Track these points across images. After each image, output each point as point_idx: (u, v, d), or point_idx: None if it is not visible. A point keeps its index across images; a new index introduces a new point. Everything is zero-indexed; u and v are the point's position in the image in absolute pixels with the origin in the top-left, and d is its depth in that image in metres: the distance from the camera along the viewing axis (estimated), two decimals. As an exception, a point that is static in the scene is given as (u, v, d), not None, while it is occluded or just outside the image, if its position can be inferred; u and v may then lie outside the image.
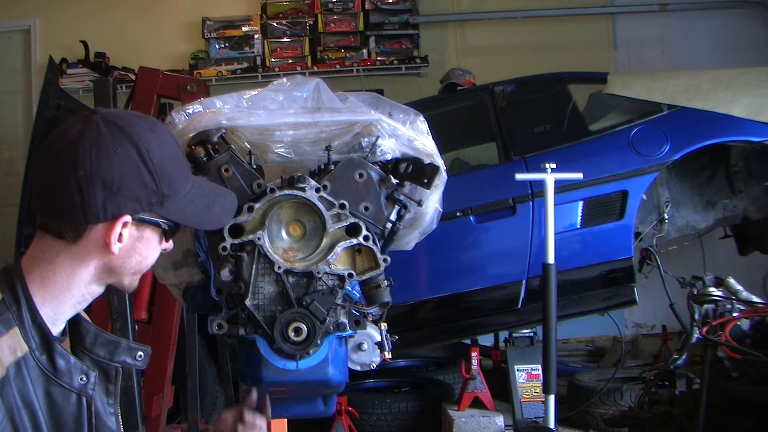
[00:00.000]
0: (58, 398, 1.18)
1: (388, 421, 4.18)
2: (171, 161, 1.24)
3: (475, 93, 4.52)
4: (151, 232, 1.24)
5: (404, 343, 2.95)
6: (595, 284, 3.90)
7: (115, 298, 2.85)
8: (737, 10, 6.16)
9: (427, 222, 1.90)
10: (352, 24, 6.27)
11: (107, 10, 6.37)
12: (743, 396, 2.70)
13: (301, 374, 1.67)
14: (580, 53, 6.09)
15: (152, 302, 3.21)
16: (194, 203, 1.29)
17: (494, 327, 4.23)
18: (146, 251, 1.25)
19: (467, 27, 6.47)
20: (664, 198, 4.05)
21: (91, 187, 1.15)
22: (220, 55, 6.29)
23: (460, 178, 4.11)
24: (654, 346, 5.47)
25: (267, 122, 1.71)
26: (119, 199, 1.17)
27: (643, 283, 4.07)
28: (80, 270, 1.21)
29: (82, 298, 1.25)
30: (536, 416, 3.85)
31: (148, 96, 3.16)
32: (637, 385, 3.94)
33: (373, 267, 1.72)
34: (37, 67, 6.38)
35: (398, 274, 1.81)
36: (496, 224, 3.94)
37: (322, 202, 1.68)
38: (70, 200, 1.16)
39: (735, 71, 4.19)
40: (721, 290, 3.16)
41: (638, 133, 3.91)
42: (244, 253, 1.68)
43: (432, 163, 1.78)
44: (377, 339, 1.81)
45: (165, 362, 3.13)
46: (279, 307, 1.67)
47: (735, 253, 4.50)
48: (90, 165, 1.15)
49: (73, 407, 1.19)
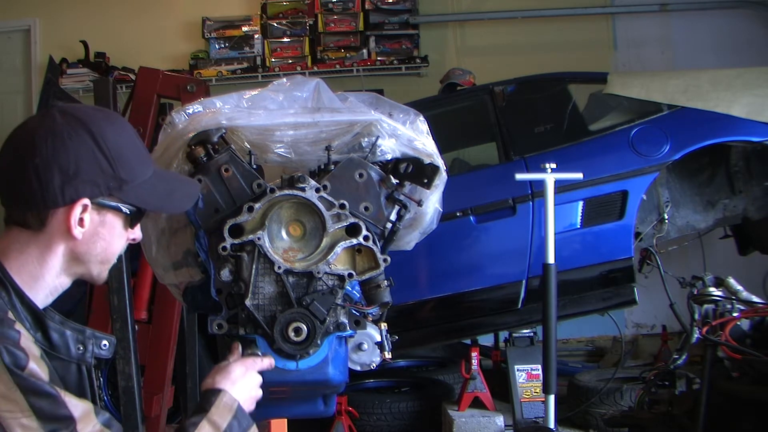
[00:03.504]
0: (59, 371, 1.22)
1: (388, 421, 4.18)
2: (128, 148, 1.29)
3: (475, 93, 4.52)
4: (113, 216, 1.29)
5: (404, 343, 2.95)
6: (595, 284, 3.90)
7: (116, 298, 2.85)
8: (737, 10, 6.16)
9: (427, 222, 1.90)
10: (352, 24, 6.27)
11: (107, 10, 6.38)
12: (743, 396, 2.70)
13: (301, 374, 1.67)
14: (580, 53, 6.09)
15: (152, 302, 3.21)
16: (155, 188, 1.33)
17: (494, 327, 4.23)
18: (110, 237, 1.29)
19: (467, 27, 6.47)
20: (664, 198, 4.05)
21: (48, 172, 1.20)
22: (220, 55, 6.29)
23: (460, 178, 4.11)
24: (654, 346, 5.47)
25: (267, 122, 1.71)
26: (76, 183, 1.22)
27: (643, 283, 4.07)
28: (50, 258, 1.25)
29: (54, 290, 1.28)
30: (536, 416, 3.85)
31: (148, 96, 3.15)
32: (637, 385, 3.94)
33: (373, 267, 1.72)
34: (37, 67, 6.39)
35: (398, 274, 1.81)
36: (496, 224, 3.94)
37: (322, 202, 1.68)
38: (30, 187, 1.21)
39: (735, 71, 4.19)
40: (721, 290, 3.16)
41: (638, 133, 3.91)
42: (244, 253, 1.68)
43: (432, 163, 1.78)
44: (377, 339, 1.80)
45: (165, 362, 3.12)
46: (279, 307, 1.67)
47: (735, 253, 4.50)
48: (46, 152, 1.21)
49: (74, 376, 1.23)
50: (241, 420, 1.43)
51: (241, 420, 1.43)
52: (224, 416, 1.41)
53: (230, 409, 1.43)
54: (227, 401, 1.44)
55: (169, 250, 1.82)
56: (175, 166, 1.71)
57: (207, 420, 1.39)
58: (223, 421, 1.40)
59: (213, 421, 1.39)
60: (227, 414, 1.42)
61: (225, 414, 1.41)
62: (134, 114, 3.18)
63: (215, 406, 1.42)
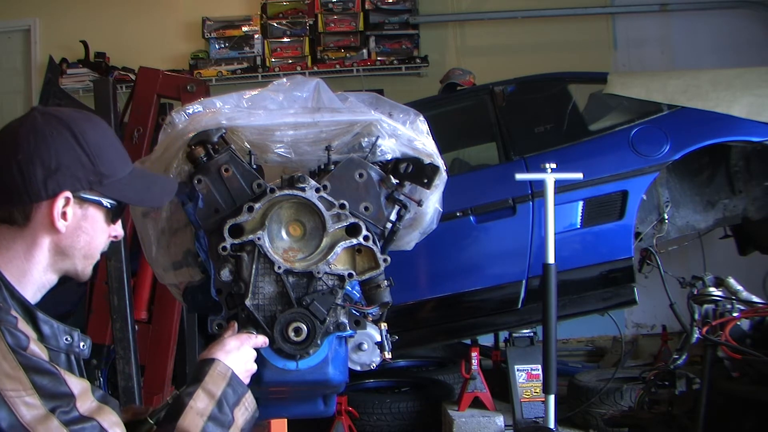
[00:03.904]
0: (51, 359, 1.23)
1: (388, 421, 4.18)
2: (107, 145, 1.35)
3: (475, 93, 4.52)
4: (95, 210, 1.34)
5: (404, 343, 2.95)
6: (595, 284, 3.90)
7: (116, 298, 2.86)
8: (737, 10, 6.16)
9: (427, 222, 1.90)
10: (352, 24, 6.28)
11: (107, 10, 6.38)
12: (743, 396, 2.70)
13: (301, 374, 1.67)
14: (580, 53, 6.09)
15: (152, 302, 3.21)
16: (133, 183, 1.39)
17: (494, 327, 4.23)
18: (93, 231, 1.34)
19: (467, 27, 6.47)
20: (664, 198, 4.05)
21: (30, 167, 1.26)
22: (220, 55, 6.30)
23: (460, 178, 4.11)
24: (654, 346, 5.47)
25: (267, 122, 1.71)
26: (58, 177, 1.27)
27: (643, 283, 4.07)
28: (36, 253, 1.29)
29: (41, 286, 1.32)
30: (536, 416, 3.85)
31: (148, 96, 3.15)
32: (637, 385, 3.94)
33: (373, 267, 1.72)
34: (37, 67, 6.39)
35: (398, 274, 1.81)
36: (496, 224, 3.94)
37: (322, 202, 1.68)
38: (14, 183, 1.26)
39: (735, 71, 4.19)
40: (721, 290, 3.16)
41: (638, 133, 3.91)
42: (244, 253, 1.68)
43: (432, 163, 1.78)
44: (377, 339, 1.80)
45: (165, 362, 3.13)
46: (279, 307, 1.67)
47: (735, 253, 4.50)
48: (28, 148, 1.27)
49: (64, 365, 1.25)
50: (235, 387, 1.45)
51: (236, 387, 1.46)
52: (218, 384, 1.43)
53: (224, 377, 1.45)
54: (221, 370, 1.46)
55: (169, 250, 1.82)
56: (175, 166, 1.71)
57: (202, 389, 1.41)
58: (218, 389, 1.42)
59: (208, 389, 1.42)
60: (221, 382, 1.44)
61: (219, 382, 1.44)
62: (134, 114, 3.18)
63: (209, 375, 1.44)
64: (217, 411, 1.40)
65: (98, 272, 3.10)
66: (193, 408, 1.38)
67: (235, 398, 1.44)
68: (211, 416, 1.39)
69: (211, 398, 1.41)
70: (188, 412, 1.37)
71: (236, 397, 1.44)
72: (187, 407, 1.38)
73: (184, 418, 1.37)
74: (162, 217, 1.78)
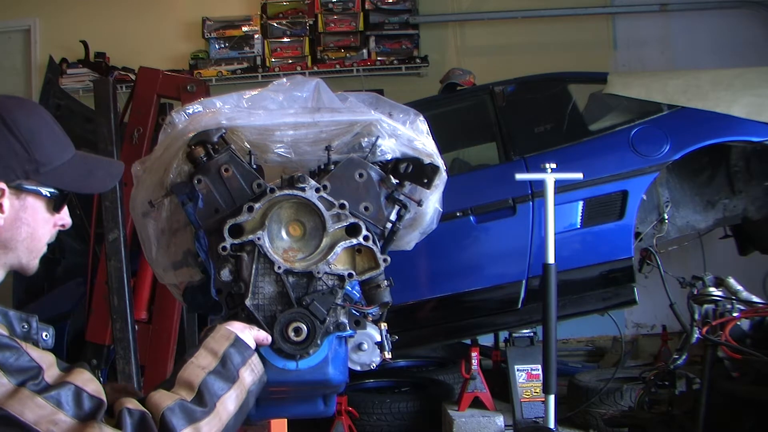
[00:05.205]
0: None
1: (388, 421, 4.18)
2: (42, 131, 1.29)
3: (475, 93, 4.52)
4: (34, 200, 1.28)
5: (404, 343, 2.95)
6: (595, 284, 3.90)
7: (115, 298, 2.86)
8: (737, 10, 6.17)
9: (427, 222, 1.90)
10: (352, 24, 6.28)
11: (107, 10, 6.38)
12: (743, 396, 2.70)
13: (301, 374, 1.66)
14: (580, 53, 6.10)
15: (152, 302, 3.21)
16: (74, 170, 1.33)
17: (494, 327, 4.23)
18: (34, 222, 1.29)
19: (467, 27, 6.48)
20: (664, 198, 4.05)
21: None
22: (220, 55, 6.30)
23: (460, 178, 4.12)
24: (654, 346, 5.48)
25: (267, 122, 1.71)
26: None
27: (643, 283, 4.07)
28: None
29: None
30: (536, 416, 3.85)
31: (148, 96, 3.15)
32: (637, 385, 3.94)
33: (373, 267, 1.72)
34: (37, 67, 6.39)
35: (398, 274, 1.81)
36: (496, 224, 3.95)
37: (322, 202, 1.68)
38: None
39: (735, 71, 4.19)
40: (721, 290, 3.17)
41: (638, 133, 3.91)
42: (244, 253, 1.67)
43: (432, 163, 1.78)
44: (377, 339, 1.80)
45: (165, 362, 3.13)
46: (279, 307, 1.67)
47: (735, 253, 4.50)
48: None
49: None
50: (240, 349, 1.40)
51: (241, 349, 1.40)
52: (221, 343, 1.39)
53: (227, 338, 1.40)
54: (224, 332, 1.42)
55: (169, 250, 1.82)
56: (175, 166, 1.71)
57: (204, 347, 1.37)
58: (220, 347, 1.37)
59: (210, 347, 1.37)
60: (224, 341, 1.39)
61: (222, 341, 1.39)
62: (134, 114, 3.18)
63: (211, 337, 1.40)
64: (221, 367, 1.35)
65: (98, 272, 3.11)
66: (194, 363, 1.34)
67: (241, 358, 1.39)
68: (215, 370, 1.34)
69: (213, 355, 1.36)
70: (189, 365, 1.34)
71: (242, 357, 1.39)
72: (188, 363, 1.34)
73: (184, 370, 1.33)
74: (162, 217, 1.78)
